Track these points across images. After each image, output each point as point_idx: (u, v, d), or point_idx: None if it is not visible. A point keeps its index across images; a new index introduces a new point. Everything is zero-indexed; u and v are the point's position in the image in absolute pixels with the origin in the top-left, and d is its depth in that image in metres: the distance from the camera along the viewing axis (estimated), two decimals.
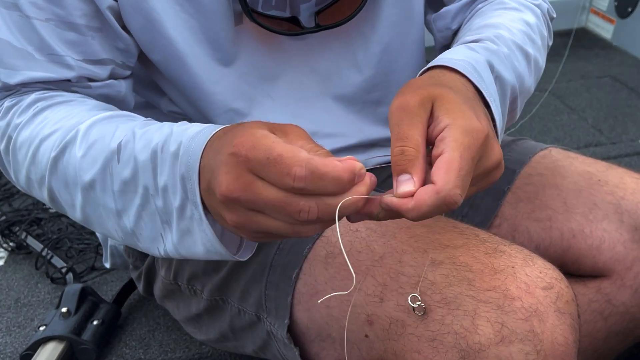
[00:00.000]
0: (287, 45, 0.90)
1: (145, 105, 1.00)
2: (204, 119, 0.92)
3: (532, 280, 0.70)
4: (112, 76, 0.83)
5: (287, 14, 0.84)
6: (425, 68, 0.76)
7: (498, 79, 0.76)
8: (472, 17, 0.95)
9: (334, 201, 0.56)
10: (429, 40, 1.07)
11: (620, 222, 0.91)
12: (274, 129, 0.60)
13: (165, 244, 0.70)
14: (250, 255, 0.72)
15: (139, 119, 0.76)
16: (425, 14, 1.03)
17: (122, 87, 0.85)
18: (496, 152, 0.65)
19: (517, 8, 0.92)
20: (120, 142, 0.70)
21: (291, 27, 0.85)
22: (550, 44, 1.00)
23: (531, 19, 0.91)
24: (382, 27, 0.92)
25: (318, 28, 0.85)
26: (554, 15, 1.00)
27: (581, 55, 2.45)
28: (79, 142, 0.72)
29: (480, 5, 0.96)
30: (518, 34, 0.86)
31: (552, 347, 0.67)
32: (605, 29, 2.62)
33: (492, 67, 0.76)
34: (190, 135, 0.65)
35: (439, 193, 0.58)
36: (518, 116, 0.84)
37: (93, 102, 0.80)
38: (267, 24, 0.83)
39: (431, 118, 0.64)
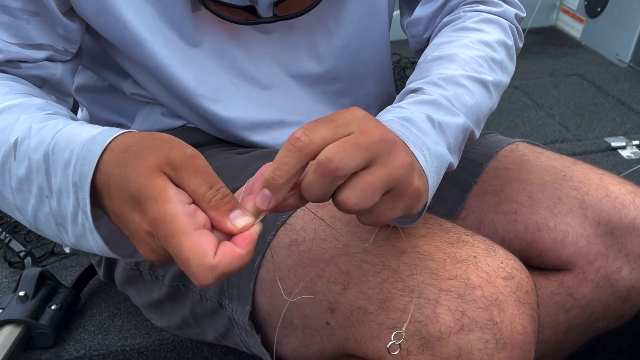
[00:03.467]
0: (249, 33, 0.90)
1: (108, 88, 0.99)
2: (173, 100, 0.91)
3: (493, 270, 0.70)
4: (49, 59, 0.81)
5: (244, 3, 0.84)
6: None
7: (441, 125, 0.75)
8: (434, 36, 0.95)
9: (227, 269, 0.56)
10: (399, 34, 1.07)
11: (584, 216, 0.92)
12: (170, 164, 0.57)
13: (64, 241, 0.68)
14: (142, 259, 0.71)
15: (42, 110, 0.72)
16: (402, 15, 1.03)
17: (58, 69, 0.83)
18: (401, 160, 0.61)
19: (477, 28, 0.92)
20: (17, 138, 0.67)
21: (249, 16, 0.84)
22: (521, 45, 1.01)
23: (491, 36, 0.91)
24: (346, 22, 0.93)
25: (275, 18, 0.84)
26: (523, 15, 1.01)
27: (550, 53, 2.48)
28: None
29: (446, 19, 0.97)
30: (472, 63, 0.85)
31: (511, 336, 0.68)
32: (574, 28, 2.64)
33: (430, 118, 0.74)
34: (82, 141, 0.62)
35: (318, 160, 0.57)
36: (478, 135, 0.84)
37: (12, 84, 0.77)
38: (222, 12, 0.82)
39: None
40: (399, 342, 0.69)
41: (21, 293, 1.09)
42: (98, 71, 0.98)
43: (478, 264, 0.71)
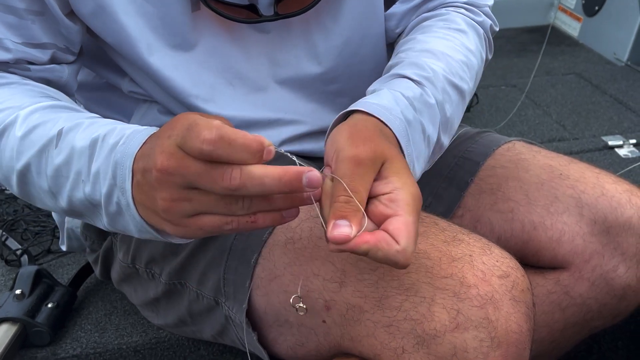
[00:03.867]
0: (247, 33, 0.90)
1: (105, 86, 0.99)
2: (168, 99, 0.92)
3: (488, 269, 0.70)
4: (53, 60, 0.83)
5: (245, 2, 0.84)
6: (353, 108, 0.77)
7: (429, 138, 0.80)
8: (416, 31, 0.96)
9: (255, 170, 0.57)
10: None
11: (580, 215, 0.93)
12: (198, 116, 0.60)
13: (102, 222, 0.72)
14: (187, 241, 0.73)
15: (82, 112, 0.78)
16: None
17: (64, 72, 0.85)
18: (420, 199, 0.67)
19: (462, 30, 0.94)
20: (61, 129, 0.71)
21: (249, 14, 0.84)
22: (490, 57, 1.03)
23: (473, 43, 0.93)
24: (344, 20, 0.93)
25: (276, 17, 0.84)
26: (496, 29, 1.02)
27: (547, 51, 2.47)
28: (19, 124, 0.73)
29: (425, 15, 0.98)
30: (457, 67, 0.87)
31: (506, 335, 0.68)
32: (572, 27, 2.64)
33: (423, 128, 0.79)
34: (134, 129, 0.67)
35: (400, 252, 0.61)
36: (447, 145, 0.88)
37: (35, 87, 0.80)
38: (223, 10, 0.83)
39: (378, 174, 0.66)
40: (297, 305, 0.72)
41: (17, 291, 1.09)
42: (96, 69, 0.98)
43: (473, 262, 0.71)
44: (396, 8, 1.00)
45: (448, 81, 0.84)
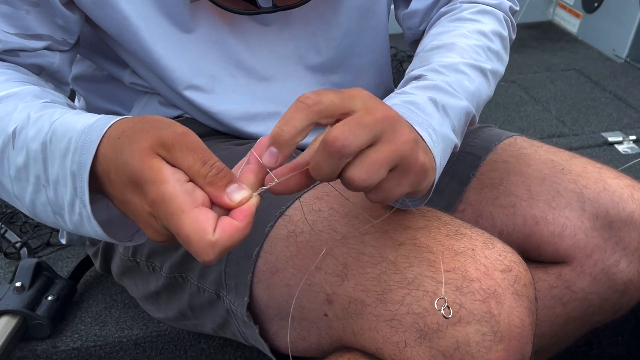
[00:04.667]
0: (247, 24, 0.90)
1: (106, 78, 0.99)
2: (169, 91, 0.92)
3: (491, 263, 0.70)
4: (47, 49, 0.82)
5: None
6: None
7: (445, 107, 0.76)
8: (431, 27, 0.96)
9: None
10: (396, 28, 1.08)
11: (582, 210, 0.93)
12: (162, 145, 0.57)
13: (64, 228, 0.70)
14: (145, 240, 0.72)
15: (39, 98, 0.73)
16: (397, 7, 1.03)
17: (56, 58, 0.84)
18: (406, 136, 0.62)
19: (473, 19, 0.93)
20: (15, 127, 0.68)
21: (248, 6, 0.84)
22: (514, 37, 1.02)
23: (488, 26, 0.92)
24: (344, 12, 0.93)
25: (275, 8, 0.84)
26: (517, 8, 1.02)
27: (547, 47, 2.48)
28: None
29: (443, 9, 0.98)
30: (471, 51, 0.86)
31: (509, 329, 0.68)
32: (571, 23, 2.64)
33: (434, 101, 0.75)
34: (80, 130, 0.63)
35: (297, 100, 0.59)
36: (477, 120, 0.85)
37: (10, 72, 0.77)
38: (221, 1, 0.83)
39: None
40: (444, 307, 0.69)
41: (17, 284, 1.08)
42: (97, 60, 0.97)
43: (476, 256, 0.71)
44: (416, 5, 1.00)
45: (463, 64, 0.83)
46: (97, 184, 0.62)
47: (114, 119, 0.63)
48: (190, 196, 0.55)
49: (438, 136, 0.71)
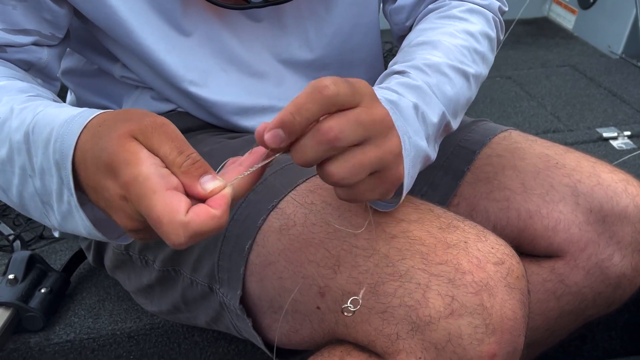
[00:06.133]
0: (239, 19, 0.90)
1: (96, 72, 0.99)
2: (163, 84, 0.91)
3: (483, 255, 0.70)
4: (35, 44, 0.81)
5: None
6: None
7: (424, 115, 0.76)
8: (418, 22, 0.95)
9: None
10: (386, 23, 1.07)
11: (576, 204, 0.93)
12: (141, 131, 0.57)
13: (51, 221, 0.68)
14: (131, 240, 0.71)
15: (24, 93, 0.73)
16: (384, 2, 1.03)
17: (43, 53, 0.83)
18: (394, 146, 0.63)
19: (463, 17, 0.92)
20: None
21: (239, 1, 0.84)
22: (502, 38, 1.02)
23: (476, 27, 0.91)
24: (336, 8, 0.93)
25: (265, 3, 0.84)
26: (506, 9, 1.02)
27: (542, 44, 2.48)
28: None
29: (431, 6, 0.97)
30: (456, 52, 0.85)
31: (501, 321, 0.68)
32: (567, 19, 2.65)
33: (416, 107, 0.75)
34: (62, 121, 0.63)
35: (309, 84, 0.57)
36: (456, 127, 0.85)
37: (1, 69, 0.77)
38: None
39: None
40: (354, 309, 0.70)
41: (10, 276, 1.08)
42: (87, 54, 0.97)
43: (469, 249, 0.71)
44: (403, 0, 0.99)
45: (447, 65, 0.83)
46: (75, 175, 0.61)
47: (97, 111, 0.62)
48: (164, 179, 0.55)
49: (411, 145, 0.70)
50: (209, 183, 0.56)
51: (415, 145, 0.72)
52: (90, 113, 0.62)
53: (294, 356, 0.87)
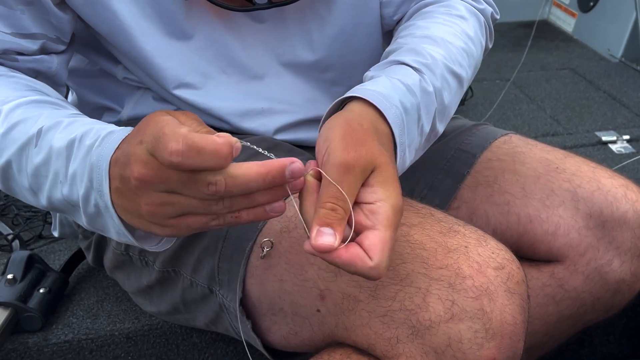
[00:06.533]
0: (242, 21, 0.90)
1: (100, 72, 0.99)
2: (159, 89, 0.91)
3: (484, 260, 0.70)
4: (43, 50, 0.82)
5: None
6: (351, 94, 0.75)
7: (422, 127, 0.79)
8: (417, 17, 0.95)
9: (238, 173, 0.56)
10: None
11: (575, 209, 0.93)
12: (169, 113, 0.60)
13: (82, 220, 0.70)
14: (169, 246, 0.73)
15: (65, 109, 0.76)
16: None
17: (53, 63, 0.84)
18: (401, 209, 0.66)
19: (462, 16, 0.93)
20: (41, 128, 0.70)
21: (243, 3, 0.84)
22: (491, 46, 1.02)
23: (473, 30, 0.92)
24: (338, 9, 0.93)
25: (270, 5, 0.84)
26: (497, 17, 1.02)
27: (542, 46, 2.48)
28: (1, 120, 0.72)
29: (426, 1, 0.97)
30: (457, 54, 0.86)
31: (501, 326, 0.68)
32: (566, 22, 2.65)
33: (420, 118, 0.78)
34: (109, 130, 0.66)
35: (373, 268, 0.60)
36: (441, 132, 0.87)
37: (21, 79, 0.79)
38: None
39: (365, 181, 0.65)
40: (266, 249, 0.73)
41: (9, 276, 1.08)
42: (89, 55, 0.97)
43: (469, 253, 0.71)
44: None
45: (447, 68, 0.83)
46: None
47: None
48: (181, 127, 0.57)
49: (402, 163, 0.75)
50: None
51: (403, 164, 0.76)
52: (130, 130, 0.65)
53: (293, 359, 0.88)
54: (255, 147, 0.65)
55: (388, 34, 1.03)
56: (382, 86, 0.76)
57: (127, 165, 0.60)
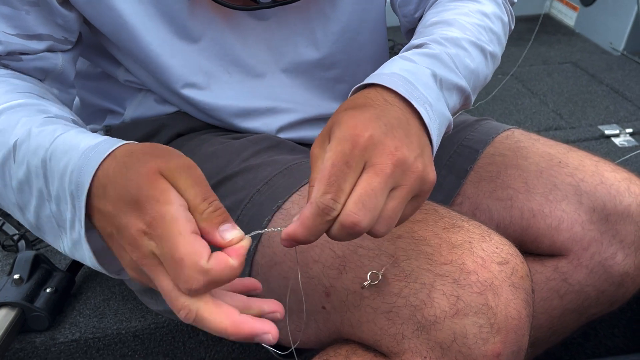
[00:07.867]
0: (246, 20, 0.90)
1: (101, 75, 0.99)
2: (163, 89, 0.91)
3: (488, 255, 0.71)
4: (49, 50, 0.81)
5: None
6: (361, 85, 0.73)
7: (442, 81, 0.75)
8: (431, 6, 0.95)
9: (209, 317, 0.56)
10: (394, 21, 1.07)
11: (579, 203, 0.93)
12: (170, 170, 0.57)
13: (63, 245, 0.67)
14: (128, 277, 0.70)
15: (43, 113, 0.71)
16: None
17: (59, 59, 0.82)
18: (390, 148, 0.61)
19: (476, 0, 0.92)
20: (16, 141, 0.67)
21: (247, 2, 0.84)
22: (512, 27, 1.01)
23: (489, 8, 0.91)
24: (342, 6, 0.93)
25: (274, 3, 0.84)
26: (515, 0, 1.01)
27: (544, 40, 2.47)
28: None
29: None
30: (473, 29, 0.85)
31: (506, 321, 0.68)
32: (568, 16, 2.64)
33: (434, 75, 0.74)
34: (80, 151, 0.62)
35: (312, 203, 0.59)
36: (472, 104, 0.84)
37: (15, 82, 0.76)
38: None
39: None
40: (374, 282, 0.71)
41: (16, 276, 1.08)
42: (91, 58, 0.97)
43: (473, 249, 0.71)
44: None
45: (465, 40, 0.82)
46: (90, 200, 0.61)
47: (119, 142, 0.62)
48: (190, 223, 0.55)
49: (435, 112, 0.70)
50: (228, 233, 0.57)
51: (439, 113, 0.71)
52: (111, 143, 0.62)
53: (299, 355, 0.88)
54: (264, 230, 0.67)
55: (410, 32, 1.02)
56: (383, 69, 0.75)
57: (123, 232, 0.57)
